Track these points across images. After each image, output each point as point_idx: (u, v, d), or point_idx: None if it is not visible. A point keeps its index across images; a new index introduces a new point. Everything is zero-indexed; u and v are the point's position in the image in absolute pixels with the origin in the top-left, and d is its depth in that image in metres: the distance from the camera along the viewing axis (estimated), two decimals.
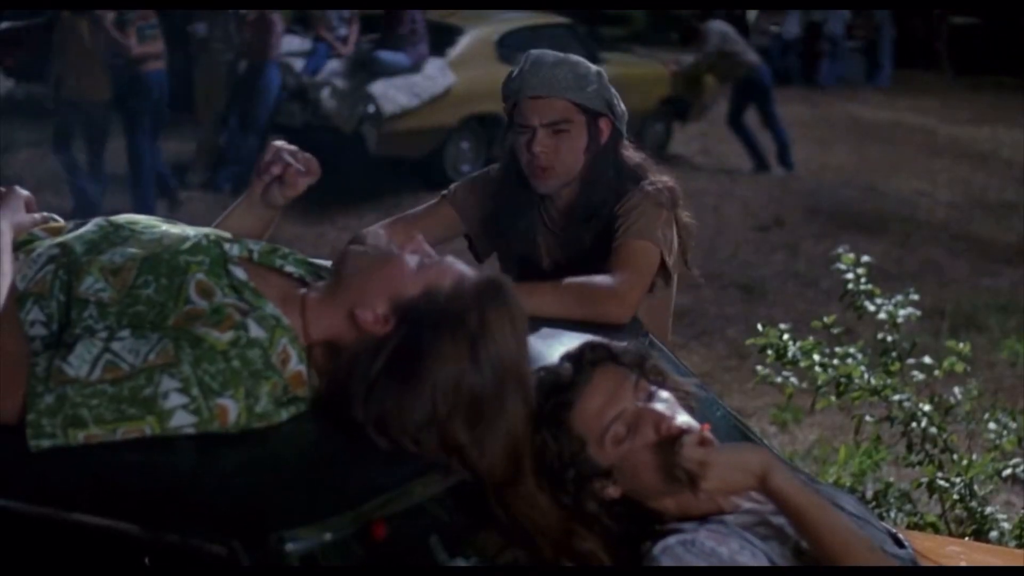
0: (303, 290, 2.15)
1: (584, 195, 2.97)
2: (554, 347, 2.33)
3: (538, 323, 2.60)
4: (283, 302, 2.11)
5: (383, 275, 2.06)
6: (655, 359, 2.16)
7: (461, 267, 2.09)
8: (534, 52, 3.00)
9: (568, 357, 2.12)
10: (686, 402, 2.12)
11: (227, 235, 2.26)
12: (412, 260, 2.08)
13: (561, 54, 2.99)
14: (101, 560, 1.88)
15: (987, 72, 18.69)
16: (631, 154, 3.03)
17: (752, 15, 18.13)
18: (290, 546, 1.81)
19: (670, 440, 2.01)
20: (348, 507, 1.89)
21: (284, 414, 2.04)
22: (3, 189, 2.30)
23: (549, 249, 3.04)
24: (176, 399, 1.96)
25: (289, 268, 2.24)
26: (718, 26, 12.50)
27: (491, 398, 1.97)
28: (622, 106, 3.02)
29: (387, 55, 10.52)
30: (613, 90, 3.00)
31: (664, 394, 2.09)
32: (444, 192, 3.18)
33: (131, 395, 1.95)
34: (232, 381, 1.99)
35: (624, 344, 2.16)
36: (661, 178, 2.98)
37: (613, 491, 2.05)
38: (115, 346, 1.98)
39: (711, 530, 1.98)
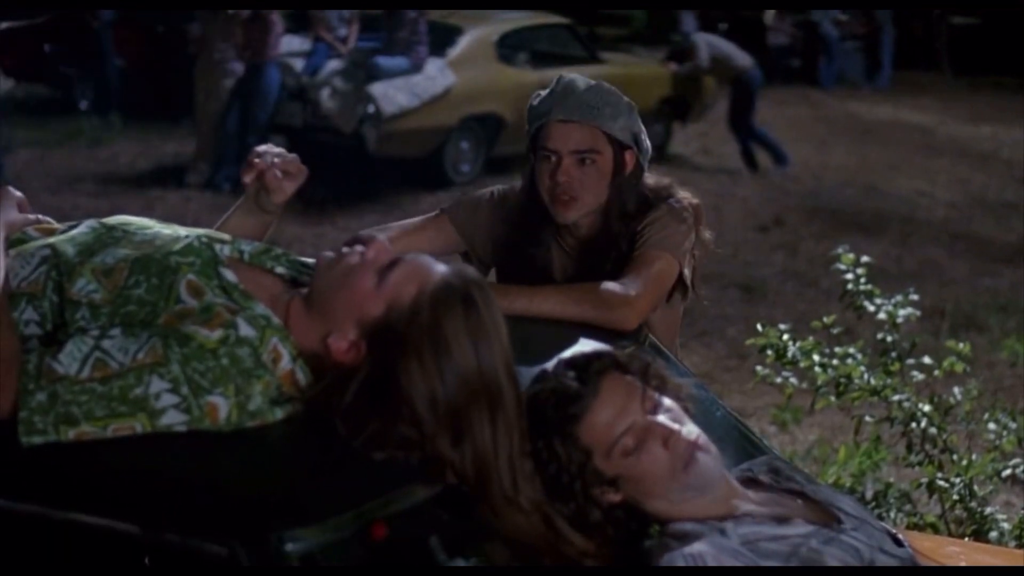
0: (287, 296, 2.14)
1: (604, 226, 2.90)
2: (555, 349, 2.33)
3: (537, 324, 2.61)
4: (273, 304, 2.11)
5: (347, 298, 2.05)
6: (656, 364, 2.15)
7: (423, 267, 2.06)
8: (567, 76, 2.92)
9: (572, 365, 2.09)
10: (685, 406, 2.12)
11: (222, 236, 2.26)
12: (371, 278, 2.05)
13: (594, 81, 2.92)
14: (100, 560, 1.88)
15: (987, 72, 18.70)
16: (657, 178, 2.97)
17: (769, 15, 18.23)
18: (290, 546, 1.81)
19: (677, 452, 2.02)
20: (348, 507, 1.89)
21: (279, 412, 2.03)
22: None
23: (565, 270, 2.97)
24: (167, 399, 1.96)
25: (280, 270, 2.24)
26: (703, 37, 12.72)
27: (468, 411, 1.96)
28: (648, 142, 2.95)
29: (385, 60, 10.51)
30: (641, 124, 2.93)
31: (667, 402, 2.09)
32: (442, 207, 3.11)
33: (121, 394, 1.95)
34: (221, 379, 1.99)
35: (628, 351, 2.15)
36: (686, 196, 2.94)
37: (614, 496, 2.05)
38: (105, 344, 1.98)
39: (714, 545, 1.97)
